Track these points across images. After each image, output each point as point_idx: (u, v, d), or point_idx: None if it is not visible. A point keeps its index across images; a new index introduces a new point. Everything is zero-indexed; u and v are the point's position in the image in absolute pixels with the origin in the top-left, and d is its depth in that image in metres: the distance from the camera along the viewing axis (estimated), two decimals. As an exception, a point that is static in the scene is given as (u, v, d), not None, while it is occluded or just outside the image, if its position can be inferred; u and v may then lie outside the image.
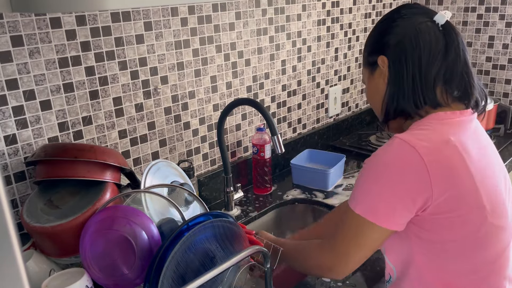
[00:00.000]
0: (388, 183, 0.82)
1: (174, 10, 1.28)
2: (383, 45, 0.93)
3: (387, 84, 0.93)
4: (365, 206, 0.84)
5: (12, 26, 0.99)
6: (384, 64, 0.92)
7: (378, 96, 0.96)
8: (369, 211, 0.84)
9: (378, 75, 0.95)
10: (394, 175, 0.82)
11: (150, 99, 1.29)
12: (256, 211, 1.45)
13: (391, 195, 0.82)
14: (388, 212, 0.83)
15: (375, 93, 0.97)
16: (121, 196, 1.00)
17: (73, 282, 0.84)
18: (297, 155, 1.67)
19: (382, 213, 0.83)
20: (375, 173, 0.84)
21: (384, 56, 0.92)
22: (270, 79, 1.63)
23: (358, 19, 1.98)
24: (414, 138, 0.83)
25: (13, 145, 1.05)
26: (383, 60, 0.92)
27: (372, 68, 0.96)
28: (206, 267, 0.89)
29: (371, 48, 0.97)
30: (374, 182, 0.84)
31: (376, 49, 0.94)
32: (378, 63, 0.93)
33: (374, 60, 0.94)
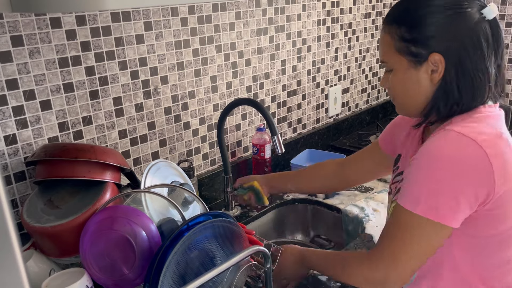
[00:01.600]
0: (449, 178, 0.77)
1: (174, 10, 1.28)
2: (436, 40, 0.82)
3: (439, 84, 0.84)
4: (426, 205, 0.78)
5: (12, 26, 0.99)
6: (440, 64, 0.82)
7: (416, 92, 0.87)
8: (431, 210, 0.78)
9: (425, 72, 0.84)
10: (456, 169, 0.77)
11: (150, 99, 1.29)
12: (256, 211, 1.45)
13: (454, 190, 0.77)
14: (452, 209, 0.78)
15: (412, 88, 0.87)
16: (121, 196, 1.00)
17: (73, 282, 0.84)
18: (298, 155, 1.68)
19: (446, 211, 0.78)
20: (434, 169, 0.78)
21: (440, 55, 0.82)
22: (270, 79, 1.63)
23: (358, 19, 1.98)
24: (470, 130, 0.78)
25: (13, 145, 1.05)
26: (439, 59, 0.82)
27: (416, 60, 0.84)
28: (206, 267, 0.89)
29: (415, 36, 0.83)
30: (433, 179, 0.78)
31: (426, 42, 0.83)
32: (429, 59, 0.83)
33: (420, 53, 0.83)
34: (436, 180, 0.78)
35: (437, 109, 0.85)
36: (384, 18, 0.90)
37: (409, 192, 0.82)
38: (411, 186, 0.82)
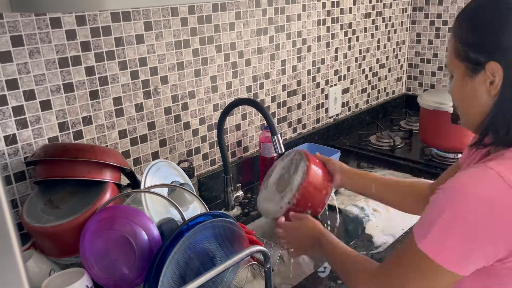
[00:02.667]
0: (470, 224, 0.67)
1: (174, 10, 1.28)
2: (497, 46, 0.72)
3: (496, 96, 0.73)
4: (434, 244, 0.70)
5: (12, 26, 0.99)
6: (496, 73, 0.72)
7: (474, 106, 0.77)
8: (438, 251, 0.70)
9: (482, 81, 0.74)
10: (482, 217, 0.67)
11: (150, 99, 1.29)
12: (256, 211, 1.45)
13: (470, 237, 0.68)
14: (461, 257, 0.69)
15: (469, 100, 0.78)
16: (121, 196, 1.00)
17: (73, 282, 0.84)
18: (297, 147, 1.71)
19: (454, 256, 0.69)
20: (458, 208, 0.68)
21: (497, 64, 0.71)
22: (270, 79, 1.63)
23: (358, 19, 1.98)
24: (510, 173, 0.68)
25: (13, 145, 1.05)
26: (496, 67, 0.72)
27: (473, 68, 0.75)
28: (206, 267, 0.89)
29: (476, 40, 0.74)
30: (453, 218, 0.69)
31: (485, 47, 0.73)
32: (486, 68, 0.73)
33: (480, 61, 0.73)
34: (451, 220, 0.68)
35: (494, 130, 0.75)
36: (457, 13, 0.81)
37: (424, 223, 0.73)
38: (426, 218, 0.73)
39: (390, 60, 2.26)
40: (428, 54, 2.29)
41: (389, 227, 1.31)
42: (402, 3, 2.21)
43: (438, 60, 2.26)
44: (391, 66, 2.28)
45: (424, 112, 1.89)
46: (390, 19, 2.18)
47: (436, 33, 2.23)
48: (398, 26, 2.24)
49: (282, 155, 1.24)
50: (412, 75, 2.38)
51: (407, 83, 2.41)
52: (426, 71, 2.32)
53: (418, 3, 2.25)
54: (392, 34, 2.22)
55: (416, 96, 2.07)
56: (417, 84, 2.38)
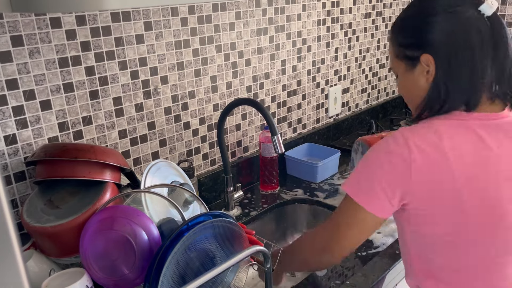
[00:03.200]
0: (373, 166, 0.85)
1: (174, 10, 1.28)
2: (426, 41, 0.85)
3: (432, 83, 0.87)
4: (351, 184, 0.88)
5: (12, 26, 0.99)
6: (430, 63, 0.85)
7: (416, 93, 0.91)
8: (355, 192, 0.87)
9: (420, 72, 0.88)
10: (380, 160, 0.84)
11: (150, 99, 1.29)
12: (256, 211, 1.45)
13: (375, 181, 0.84)
14: (371, 196, 0.85)
15: (412, 89, 0.92)
16: (121, 196, 1.00)
17: (73, 282, 0.84)
18: (297, 147, 1.73)
19: (366, 196, 0.86)
20: (368, 158, 0.87)
21: (429, 55, 0.85)
22: (270, 79, 1.63)
23: (358, 19, 1.98)
24: (412, 135, 0.83)
25: (13, 145, 1.05)
26: (427, 59, 0.85)
27: (411, 63, 0.89)
28: (206, 267, 0.89)
29: (409, 41, 0.89)
30: (364, 166, 0.87)
31: (417, 44, 0.87)
32: (421, 60, 0.86)
33: (414, 56, 0.87)
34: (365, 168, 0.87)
35: (429, 108, 0.88)
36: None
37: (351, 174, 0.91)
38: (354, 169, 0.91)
39: (390, 60, 2.26)
40: (428, 54, 2.29)
41: (388, 227, 1.31)
42: (402, 3, 2.21)
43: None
44: (391, 66, 2.28)
45: (424, 112, 1.89)
46: (390, 19, 2.18)
47: (436, 33, 2.22)
48: (398, 26, 2.24)
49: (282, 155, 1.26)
50: (412, 75, 2.38)
51: (407, 83, 2.41)
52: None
53: (418, 3, 2.25)
54: (392, 34, 2.22)
55: (416, 96, 2.08)
56: (417, 84, 2.37)
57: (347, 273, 1.12)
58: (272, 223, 1.52)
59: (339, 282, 1.09)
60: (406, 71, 0.91)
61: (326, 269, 1.15)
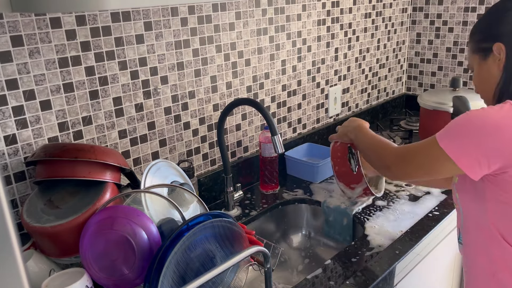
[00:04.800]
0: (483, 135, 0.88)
1: (174, 10, 1.28)
2: (498, 33, 0.97)
3: (503, 70, 0.97)
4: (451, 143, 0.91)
5: (12, 26, 0.99)
6: (501, 51, 0.96)
7: (490, 82, 1.00)
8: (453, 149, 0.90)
9: (492, 61, 0.99)
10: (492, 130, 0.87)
11: (150, 99, 1.29)
12: (256, 211, 1.45)
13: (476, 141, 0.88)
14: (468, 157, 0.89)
15: (487, 79, 1.01)
16: (121, 196, 1.00)
17: (73, 282, 0.84)
18: (296, 147, 1.73)
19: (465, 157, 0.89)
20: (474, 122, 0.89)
21: (500, 43, 0.96)
22: (270, 79, 1.63)
23: (358, 19, 1.98)
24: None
25: (13, 145, 1.05)
26: (499, 47, 0.96)
27: (484, 54, 1.00)
28: (206, 267, 0.89)
29: (483, 35, 1.00)
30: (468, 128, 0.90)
31: (490, 36, 0.98)
32: (493, 49, 0.97)
33: (488, 47, 0.98)
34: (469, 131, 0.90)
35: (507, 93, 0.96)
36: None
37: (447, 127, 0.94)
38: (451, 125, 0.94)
39: (390, 60, 2.26)
40: (428, 54, 2.29)
41: (387, 229, 1.31)
42: (402, 3, 2.21)
43: (438, 60, 2.26)
44: (391, 66, 2.28)
45: (424, 112, 1.89)
46: (390, 19, 2.18)
47: (436, 33, 2.23)
48: (398, 26, 2.24)
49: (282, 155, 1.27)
50: (412, 75, 2.39)
51: (407, 83, 2.42)
52: (426, 71, 2.32)
53: (418, 3, 2.25)
54: (392, 34, 2.22)
55: (416, 96, 2.08)
56: (417, 84, 2.38)
57: (347, 273, 1.12)
58: (272, 223, 1.52)
59: (339, 282, 1.09)
60: (480, 62, 1.01)
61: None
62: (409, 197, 1.49)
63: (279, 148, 1.25)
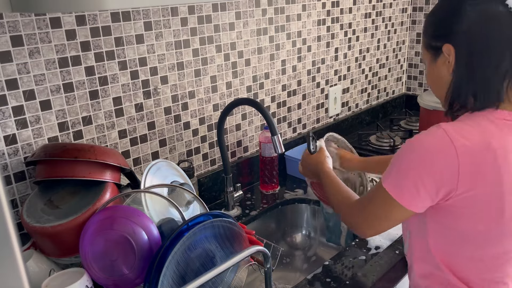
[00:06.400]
0: (418, 168, 0.83)
1: (174, 10, 1.28)
2: (449, 31, 0.87)
3: (452, 74, 0.89)
4: (392, 183, 0.87)
5: (12, 26, 0.99)
6: (450, 53, 0.87)
7: (440, 84, 0.93)
8: (395, 188, 0.87)
9: (442, 63, 0.90)
10: (426, 163, 0.83)
11: (150, 99, 1.29)
12: (256, 211, 1.45)
13: (417, 179, 0.83)
14: (411, 194, 0.85)
15: (437, 81, 0.94)
16: (121, 196, 1.00)
17: (73, 282, 0.84)
18: (297, 147, 1.73)
19: (406, 194, 0.85)
20: (410, 155, 0.85)
21: (450, 45, 0.87)
22: (270, 79, 1.63)
23: (358, 19, 1.98)
24: (457, 133, 0.82)
25: (13, 145, 1.05)
26: (448, 49, 0.87)
27: (435, 53, 0.91)
28: (206, 267, 0.89)
29: (434, 32, 0.91)
30: (406, 163, 0.86)
31: (441, 34, 0.89)
32: (443, 50, 0.88)
33: (437, 46, 0.90)
34: (407, 165, 0.85)
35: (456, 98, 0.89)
36: None
37: (389, 167, 0.90)
38: (391, 163, 0.90)
39: (390, 60, 2.26)
40: (428, 54, 2.29)
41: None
42: (402, 3, 2.21)
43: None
44: (391, 66, 2.28)
45: (424, 112, 1.89)
46: (390, 19, 2.18)
47: (436, 33, 2.22)
48: (398, 26, 2.24)
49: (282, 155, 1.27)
50: (412, 75, 2.39)
51: (407, 83, 2.42)
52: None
53: (418, 3, 2.25)
54: (392, 34, 2.22)
55: (416, 96, 2.08)
56: (417, 84, 2.38)
57: (347, 273, 1.12)
58: (272, 223, 1.52)
59: (339, 282, 1.09)
60: (431, 61, 0.93)
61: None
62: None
63: (279, 148, 1.25)
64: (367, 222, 0.96)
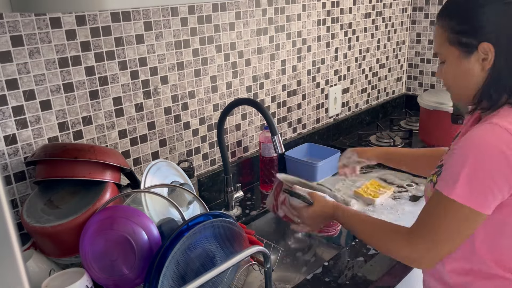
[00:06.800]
0: (488, 170, 0.80)
1: (174, 10, 1.28)
2: (483, 28, 0.84)
3: (488, 72, 0.86)
4: (463, 192, 0.82)
5: (12, 26, 0.99)
6: (490, 52, 0.85)
7: (469, 81, 0.89)
8: (467, 197, 0.81)
9: (475, 61, 0.87)
10: (494, 161, 0.80)
11: (150, 99, 1.29)
12: (256, 211, 1.45)
13: (490, 181, 0.80)
14: (486, 197, 0.81)
15: (466, 77, 0.89)
16: (121, 196, 1.00)
17: (73, 282, 0.84)
18: (296, 147, 1.73)
19: (481, 199, 0.81)
20: (475, 157, 0.81)
21: (489, 44, 0.84)
22: (270, 79, 1.63)
23: (358, 19, 1.98)
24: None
25: (13, 145, 1.05)
26: (488, 47, 0.84)
27: (466, 51, 0.87)
28: (206, 267, 0.89)
29: (465, 27, 0.87)
30: (472, 169, 0.81)
31: (474, 31, 0.85)
32: (479, 49, 0.85)
33: (470, 43, 0.86)
34: (474, 169, 0.81)
35: (488, 96, 0.87)
36: (438, 12, 0.93)
37: (449, 177, 0.84)
38: (451, 173, 0.84)
39: (390, 60, 2.26)
40: (428, 54, 2.29)
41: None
42: (402, 3, 2.21)
43: (438, 60, 2.26)
44: (391, 66, 2.28)
45: (424, 112, 1.89)
46: (390, 19, 2.18)
47: (436, 33, 2.22)
48: (398, 26, 2.24)
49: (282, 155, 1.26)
50: (412, 75, 2.39)
51: (407, 83, 2.42)
52: (426, 71, 2.32)
53: (418, 3, 2.25)
54: (392, 34, 2.22)
55: (416, 96, 2.08)
56: (417, 84, 2.38)
57: (347, 273, 1.12)
58: (272, 223, 1.52)
59: (339, 282, 1.09)
60: (459, 58, 0.89)
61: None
62: (410, 197, 1.49)
63: (279, 148, 1.25)
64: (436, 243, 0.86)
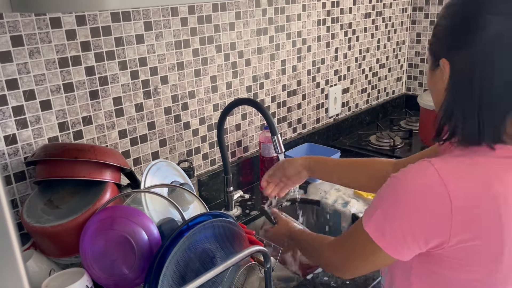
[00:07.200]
0: (405, 213, 0.72)
1: (174, 10, 1.28)
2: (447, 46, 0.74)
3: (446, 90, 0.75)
4: (375, 226, 0.76)
5: (12, 26, 0.99)
6: (445, 70, 0.74)
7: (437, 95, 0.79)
8: (378, 234, 0.75)
9: (439, 76, 0.77)
10: (414, 208, 0.71)
11: (150, 99, 1.29)
12: (256, 211, 1.45)
13: (405, 226, 0.72)
14: (397, 241, 0.74)
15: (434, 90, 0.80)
16: (121, 196, 1.00)
17: (73, 282, 0.84)
18: (296, 147, 1.73)
19: (391, 241, 0.74)
20: (396, 197, 0.73)
21: (447, 61, 0.74)
22: (270, 79, 1.63)
23: (358, 19, 1.98)
24: (451, 172, 0.70)
25: (13, 145, 1.05)
26: (445, 65, 0.74)
27: (433, 61, 0.78)
28: (206, 267, 0.89)
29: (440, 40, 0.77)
30: (391, 206, 0.74)
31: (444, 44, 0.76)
32: (440, 63, 0.75)
33: (436, 54, 0.77)
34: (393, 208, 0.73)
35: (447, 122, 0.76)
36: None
37: (371, 207, 0.78)
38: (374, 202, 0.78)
39: (390, 60, 2.26)
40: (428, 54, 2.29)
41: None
42: (402, 3, 2.21)
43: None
44: (391, 66, 2.28)
45: (424, 112, 1.89)
46: (390, 19, 2.18)
47: (436, 33, 2.22)
48: (398, 26, 2.24)
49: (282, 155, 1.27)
50: (412, 75, 2.39)
51: (407, 83, 2.42)
52: (426, 71, 2.32)
53: (418, 3, 2.25)
54: (392, 34, 2.22)
55: (416, 96, 2.08)
56: (417, 84, 2.38)
57: (347, 273, 1.12)
58: (272, 223, 1.52)
59: (339, 282, 1.09)
60: (430, 68, 0.81)
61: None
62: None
63: (279, 148, 1.25)
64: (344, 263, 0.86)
